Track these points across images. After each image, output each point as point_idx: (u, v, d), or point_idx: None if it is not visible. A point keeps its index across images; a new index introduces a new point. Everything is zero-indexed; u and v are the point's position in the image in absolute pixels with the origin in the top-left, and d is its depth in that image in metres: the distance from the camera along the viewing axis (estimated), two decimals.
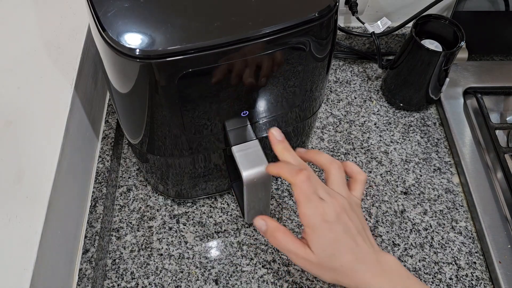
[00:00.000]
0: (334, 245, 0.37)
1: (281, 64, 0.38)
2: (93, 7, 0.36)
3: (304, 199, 0.37)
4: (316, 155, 0.42)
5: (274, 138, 0.41)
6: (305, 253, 0.38)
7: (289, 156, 0.40)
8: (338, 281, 0.38)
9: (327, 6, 0.37)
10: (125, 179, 0.61)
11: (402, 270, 0.38)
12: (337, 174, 0.40)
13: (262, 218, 0.41)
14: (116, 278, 0.52)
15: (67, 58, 0.50)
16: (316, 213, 0.37)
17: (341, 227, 0.37)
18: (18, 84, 0.47)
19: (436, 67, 0.61)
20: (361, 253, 0.37)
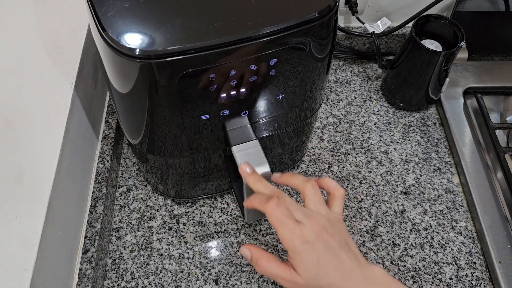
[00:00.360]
0: (318, 265, 0.37)
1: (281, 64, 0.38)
2: (93, 7, 0.36)
3: (280, 225, 0.37)
4: (290, 178, 0.42)
5: (245, 173, 0.42)
6: (291, 276, 0.38)
7: (261, 186, 0.41)
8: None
9: (327, 6, 0.37)
10: (125, 179, 0.61)
11: (390, 280, 0.38)
12: (312, 193, 0.40)
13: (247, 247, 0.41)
14: (116, 278, 0.52)
15: (67, 58, 0.50)
16: (294, 236, 0.37)
17: (323, 246, 0.37)
18: (18, 84, 0.47)
19: (436, 67, 0.61)
20: (346, 269, 0.37)
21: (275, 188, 0.41)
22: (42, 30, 0.52)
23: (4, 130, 0.44)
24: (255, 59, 0.37)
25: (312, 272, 0.37)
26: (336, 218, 0.40)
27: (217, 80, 0.37)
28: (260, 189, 0.41)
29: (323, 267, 0.37)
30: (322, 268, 0.37)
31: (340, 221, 0.40)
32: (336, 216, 0.40)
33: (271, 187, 0.41)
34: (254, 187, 0.41)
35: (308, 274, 0.37)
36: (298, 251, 0.37)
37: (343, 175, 0.62)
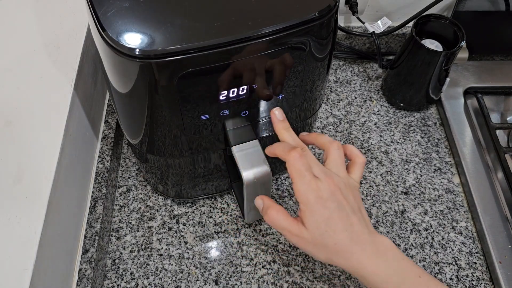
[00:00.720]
0: (327, 222, 0.37)
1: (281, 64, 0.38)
2: (93, 7, 0.36)
3: (297, 176, 0.37)
4: (317, 137, 0.43)
5: (275, 117, 0.41)
6: (298, 230, 0.38)
7: (287, 135, 0.41)
8: (332, 260, 0.38)
9: (327, 6, 0.37)
10: (125, 179, 0.61)
11: (396, 252, 0.38)
12: (336, 154, 0.40)
13: (261, 197, 0.42)
14: (116, 279, 0.52)
15: (67, 58, 0.50)
16: (309, 189, 0.37)
17: (335, 205, 0.37)
18: (17, 84, 0.47)
19: (436, 67, 0.61)
20: (356, 233, 0.37)
21: (301, 141, 0.41)
22: (41, 30, 0.52)
23: (4, 130, 0.44)
24: (255, 59, 0.36)
25: (321, 228, 0.37)
26: (353, 184, 0.40)
27: (217, 80, 0.37)
28: (286, 138, 0.41)
29: (332, 225, 0.37)
30: (331, 226, 0.37)
31: (356, 188, 0.40)
32: (354, 183, 0.40)
33: (297, 139, 0.41)
34: (281, 135, 0.41)
35: (316, 229, 0.37)
36: (310, 204, 0.37)
37: None
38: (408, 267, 0.37)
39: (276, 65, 0.38)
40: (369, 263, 0.37)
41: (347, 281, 0.52)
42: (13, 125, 0.44)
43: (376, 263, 0.37)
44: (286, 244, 0.55)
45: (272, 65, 0.38)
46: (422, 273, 0.37)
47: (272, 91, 0.41)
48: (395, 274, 0.37)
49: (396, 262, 0.37)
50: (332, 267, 0.53)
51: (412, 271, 0.37)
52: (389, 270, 0.37)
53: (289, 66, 0.39)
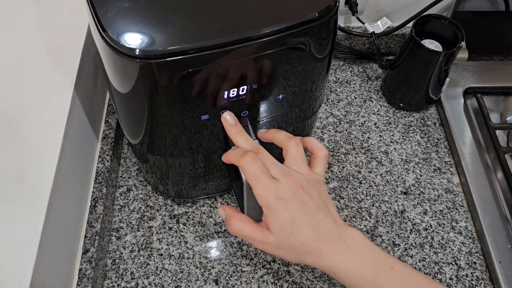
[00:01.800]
0: (291, 224, 0.36)
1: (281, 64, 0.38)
2: (93, 7, 0.36)
3: (254, 180, 0.36)
4: (275, 134, 0.41)
5: (226, 122, 0.40)
6: (263, 236, 0.37)
7: (241, 139, 0.39)
8: (302, 260, 0.37)
9: (327, 6, 0.37)
10: (125, 179, 0.61)
11: (367, 243, 0.37)
12: (294, 151, 0.39)
13: (222, 208, 0.41)
14: (116, 278, 0.52)
15: (67, 58, 0.50)
16: (269, 192, 0.36)
17: (298, 205, 0.36)
18: (18, 84, 0.47)
19: (436, 67, 0.61)
20: (323, 231, 0.36)
21: (256, 143, 0.39)
22: (42, 30, 0.52)
23: (5, 130, 0.44)
24: (255, 59, 0.37)
25: (285, 230, 0.36)
26: (316, 179, 0.39)
27: (217, 80, 0.37)
28: (240, 143, 0.39)
29: (297, 226, 0.36)
30: (296, 227, 0.36)
31: (321, 182, 0.39)
32: (317, 177, 0.39)
33: (252, 142, 0.39)
34: (234, 140, 0.40)
35: (281, 232, 0.36)
36: (272, 208, 0.36)
37: (343, 175, 0.62)
38: (379, 259, 0.36)
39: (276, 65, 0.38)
40: (339, 259, 0.36)
41: None
42: (14, 125, 0.44)
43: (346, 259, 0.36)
44: None
45: (272, 65, 0.38)
46: (394, 263, 0.36)
47: (272, 91, 0.41)
48: (366, 268, 0.36)
49: (367, 255, 0.36)
50: None
51: (384, 262, 0.36)
52: (360, 265, 0.36)
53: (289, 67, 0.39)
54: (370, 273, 0.36)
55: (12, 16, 0.53)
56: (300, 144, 0.40)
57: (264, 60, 0.37)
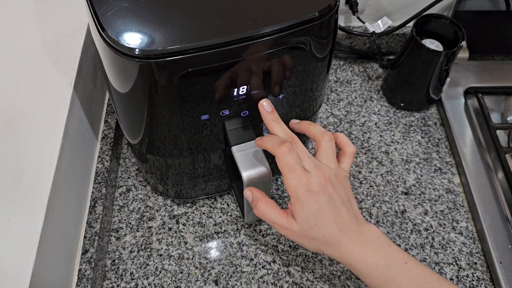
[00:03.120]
0: (317, 215, 0.37)
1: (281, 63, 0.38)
2: (93, 7, 0.36)
3: (287, 170, 0.38)
4: (308, 127, 0.42)
5: (264, 109, 0.41)
6: (287, 223, 0.39)
7: (277, 127, 0.40)
8: (321, 250, 0.39)
9: (327, 6, 0.36)
10: (125, 179, 0.61)
11: (383, 239, 0.39)
12: (327, 146, 0.40)
13: (250, 189, 0.42)
14: (116, 279, 0.52)
15: (67, 58, 0.50)
16: (300, 183, 0.37)
17: (325, 198, 0.37)
18: (17, 84, 0.47)
19: (436, 66, 0.61)
20: (344, 224, 0.38)
21: (291, 133, 0.41)
22: (41, 30, 0.52)
23: (4, 130, 0.44)
24: (255, 59, 0.36)
25: (310, 221, 0.38)
26: (343, 175, 0.40)
27: (217, 80, 0.37)
28: (276, 131, 0.40)
29: (321, 218, 0.37)
30: (320, 218, 0.37)
31: (346, 178, 0.41)
32: (344, 173, 0.41)
33: (287, 131, 0.41)
34: (270, 127, 0.41)
35: (306, 222, 0.38)
36: (301, 198, 0.37)
37: None
38: (394, 254, 0.38)
39: (276, 65, 0.38)
40: (356, 251, 0.38)
41: (347, 281, 0.52)
42: (13, 125, 0.44)
43: (363, 251, 0.38)
44: (286, 244, 0.55)
45: (272, 65, 0.38)
46: (408, 259, 0.38)
47: (272, 91, 0.41)
48: (381, 261, 0.37)
49: (382, 250, 0.38)
50: (332, 267, 0.53)
51: (399, 257, 0.38)
52: (376, 258, 0.38)
53: (289, 66, 0.39)
54: (383, 266, 0.37)
55: (12, 15, 0.53)
56: (333, 140, 0.41)
57: (264, 59, 0.37)
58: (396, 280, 0.37)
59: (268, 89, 0.40)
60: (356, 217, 0.39)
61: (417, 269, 0.38)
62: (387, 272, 0.37)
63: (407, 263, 0.38)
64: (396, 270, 0.37)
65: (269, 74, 0.39)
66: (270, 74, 0.39)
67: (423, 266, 0.38)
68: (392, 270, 0.37)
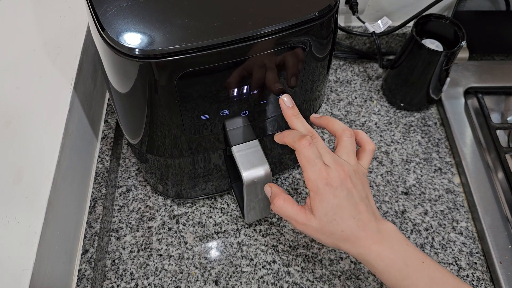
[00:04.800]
0: (336, 210, 0.37)
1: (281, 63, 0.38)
2: (93, 7, 0.36)
3: (307, 164, 0.38)
4: (329, 122, 0.43)
5: (284, 104, 0.41)
6: (305, 218, 0.39)
7: (297, 122, 0.41)
8: (339, 246, 0.39)
9: (327, 6, 0.36)
10: (125, 179, 0.61)
11: (401, 237, 0.39)
12: (347, 142, 0.41)
13: (269, 185, 0.42)
14: (116, 279, 0.52)
15: (67, 57, 0.50)
16: (319, 177, 0.37)
17: (345, 193, 0.38)
18: (17, 84, 0.47)
19: (436, 66, 0.61)
20: (362, 221, 0.38)
21: (311, 128, 0.41)
22: (41, 30, 0.52)
23: (3, 130, 0.43)
24: (255, 59, 0.36)
25: (329, 215, 0.38)
26: (362, 172, 0.41)
27: (217, 80, 0.37)
28: (296, 125, 0.41)
29: (340, 213, 0.37)
30: (339, 213, 0.37)
31: (365, 175, 0.41)
32: (363, 170, 0.41)
33: (307, 126, 0.41)
34: (290, 122, 0.41)
35: (325, 217, 0.38)
36: (320, 192, 0.37)
37: None
38: (411, 252, 0.38)
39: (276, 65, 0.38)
40: (374, 248, 0.38)
41: (347, 281, 0.52)
42: (13, 125, 0.44)
43: (381, 248, 0.37)
44: (286, 244, 0.55)
45: (272, 65, 0.38)
46: (425, 258, 0.38)
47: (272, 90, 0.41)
48: (398, 259, 0.37)
49: (400, 247, 0.38)
50: (332, 267, 0.53)
51: (416, 256, 0.38)
52: (393, 255, 0.37)
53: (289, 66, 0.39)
54: (401, 263, 0.37)
55: (11, 15, 0.53)
56: (353, 136, 0.41)
57: (264, 59, 0.37)
58: (414, 278, 0.37)
59: (268, 89, 0.40)
60: (374, 213, 0.39)
61: (434, 269, 0.38)
62: (405, 270, 0.37)
63: (424, 262, 0.38)
64: (413, 268, 0.37)
65: (269, 74, 0.39)
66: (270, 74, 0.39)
67: (439, 266, 0.38)
68: (410, 269, 0.37)
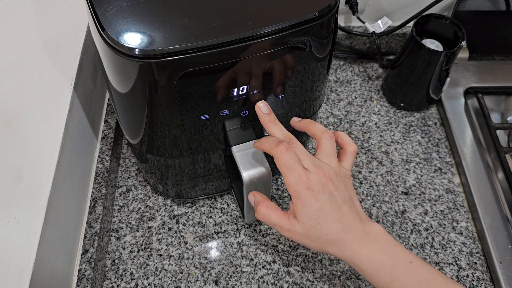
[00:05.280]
0: (319, 214, 0.37)
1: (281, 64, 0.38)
2: (93, 7, 0.36)
3: (286, 169, 0.37)
4: (309, 125, 0.42)
5: (260, 111, 0.41)
6: (289, 224, 0.38)
7: (275, 128, 0.40)
8: (325, 250, 0.38)
9: (327, 6, 0.36)
10: (125, 179, 0.61)
11: (388, 238, 0.39)
12: (328, 144, 0.40)
13: (253, 194, 0.42)
14: (116, 279, 0.52)
15: (67, 57, 0.50)
16: (299, 181, 0.37)
17: (327, 196, 0.37)
18: (17, 84, 0.47)
19: (437, 66, 0.61)
20: (347, 223, 0.38)
21: (289, 133, 0.41)
22: (41, 30, 0.52)
23: (3, 130, 0.43)
24: (255, 59, 0.36)
25: (313, 220, 0.37)
26: (344, 173, 0.40)
27: (217, 80, 0.37)
28: (273, 132, 0.40)
29: (324, 216, 0.37)
30: (322, 217, 0.37)
31: (348, 176, 0.41)
32: (345, 171, 0.41)
33: (285, 132, 0.41)
34: (268, 129, 0.41)
35: (308, 221, 0.37)
36: (302, 197, 0.37)
37: None
38: (399, 253, 0.38)
39: (276, 65, 0.38)
40: (362, 250, 0.37)
41: (347, 281, 0.52)
42: (13, 125, 0.44)
43: (368, 250, 0.37)
44: (286, 244, 0.55)
45: (272, 65, 0.38)
46: (413, 258, 0.38)
47: (272, 91, 0.41)
48: (387, 261, 0.37)
49: (388, 249, 0.38)
50: (332, 267, 0.53)
51: (404, 256, 0.38)
52: (381, 257, 0.37)
53: (289, 66, 0.39)
54: (390, 265, 0.37)
55: (11, 15, 0.53)
56: (333, 138, 0.41)
57: (264, 59, 0.37)
58: (403, 279, 0.37)
59: (268, 89, 0.40)
60: (359, 215, 0.39)
61: (423, 269, 0.37)
62: (394, 272, 0.37)
63: (412, 262, 0.37)
64: (402, 269, 0.37)
65: (269, 74, 0.39)
66: (270, 74, 0.39)
67: (428, 266, 0.38)
68: (399, 270, 0.37)
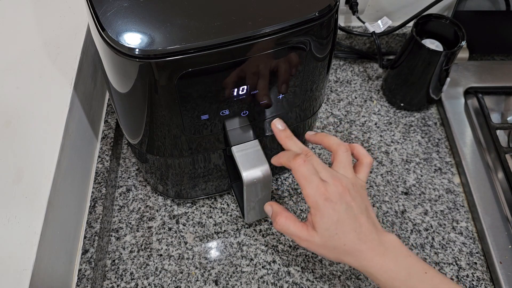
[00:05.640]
0: (337, 225, 0.38)
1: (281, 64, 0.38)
2: (93, 7, 0.36)
3: (304, 181, 0.38)
4: (324, 138, 0.43)
5: (276, 128, 0.43)
6: (308, 235, 0.39)
7: (291, 143, 0.42)
8: (342, 260, 0.39)
9: (327, 6, 0.36)
10: (125, 179, 0.61)
11: (403, 249, 0.39)
12: (343, 156, 0.41)
13: (270, 204, 0.43)
14: (116, 279, 0.52)
15: (67, 57, 0.50)
16: (318, 192, 0.38)
17: (344, 207, 0.38)
18: (17, 84, 0.47)
19: (436, 66, 0.61)
20: (364, 233, 0.38)
21: (305, 147, 0.42)
22: (41, 30, 0.52)
23: (3, 130, 0.43)
24: (255, 59, 0.36)
25: (331, 230, 0.38)
26: (360, 184, 0.41)
27: (217, 80, 0.37)
28: (290, 146, 0.42)
29: (341, 227, 0.38)
30: (340, 228, 0.38)
31: (363, 187, 0.41)
32: (361, 183, 0.41)
33: (301, 145, 0.42)
34: (284, 144, 0.42)
35: (326, 232, 0.38)
36: (320, 208, 0.38)
37: None
38: (414, 263, 0.38)
39: (276, 65, 0.38)
40: (377, 260, 0.38)
41: (347, 281, 0.52)
42: (13, 125, 0.44)
43: (384, 260, 0.38)
44: (286, 244, 0.55)
45: (272, 65, 0.38)
46: (428, 269, 0.38)
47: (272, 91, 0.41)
48: (402, 271, 0.38)
49: (403, 259, 0.38)
50: (332, 267, 0.53)
51: (419, 267, 0.38)
52: (396, 267, 0.38)
53: (289, 66, 0.39)
54: (404, 275, 0.38)
55: (12, 15, 0.53)
56: (349, 151, 0.42)
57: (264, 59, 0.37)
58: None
59: (268, 89, 0.40)
60: (375, 226, 0.39)
61: (437, 280, 0.38)
62: (409, 282, 0.37)
63: (427, 273, 0.38)
64: (417, 280, 0.37)
65: (269, 74, 0.39)
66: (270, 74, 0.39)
67: (442, 276, 0.38)
68: (414, 280, 0.37)
